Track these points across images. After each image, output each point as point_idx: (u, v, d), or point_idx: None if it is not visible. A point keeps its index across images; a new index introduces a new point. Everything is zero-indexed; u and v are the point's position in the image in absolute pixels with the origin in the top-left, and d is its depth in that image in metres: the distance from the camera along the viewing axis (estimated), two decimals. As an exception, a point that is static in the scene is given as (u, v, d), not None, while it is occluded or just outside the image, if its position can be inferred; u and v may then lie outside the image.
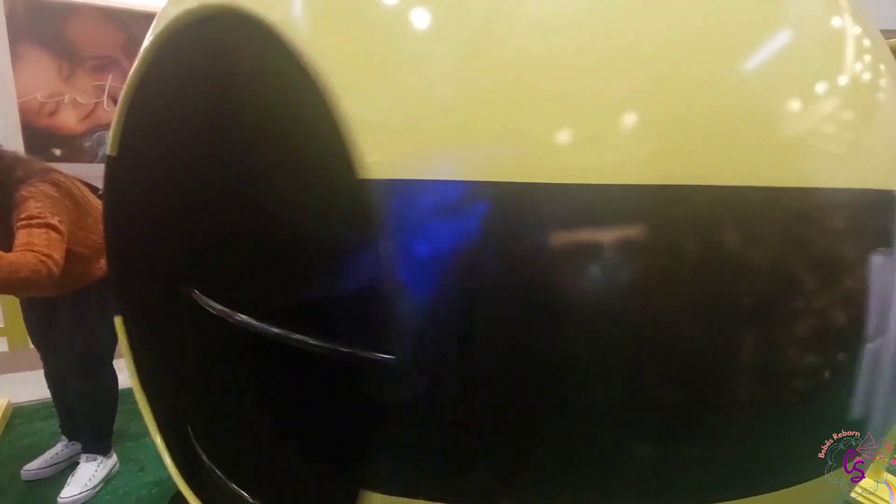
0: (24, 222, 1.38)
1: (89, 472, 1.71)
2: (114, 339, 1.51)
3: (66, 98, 2.54)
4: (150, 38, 0.94)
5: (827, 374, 0.70)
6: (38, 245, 1.35)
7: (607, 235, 0.61)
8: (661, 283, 0.61)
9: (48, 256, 1.35)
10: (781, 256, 0.64)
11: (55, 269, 1.35)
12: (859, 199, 0.69)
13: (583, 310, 0.61)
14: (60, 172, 1.59)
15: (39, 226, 1.39)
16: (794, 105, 0.67)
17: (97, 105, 2.60)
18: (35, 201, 1.43)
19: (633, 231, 0.61)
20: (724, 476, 0.69)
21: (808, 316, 0.67)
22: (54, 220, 1.42)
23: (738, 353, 0.65)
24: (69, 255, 1.45)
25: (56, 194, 1.49)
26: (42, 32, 2.43)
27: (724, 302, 0.63)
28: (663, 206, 0.60)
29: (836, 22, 0.75)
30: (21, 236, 1.36)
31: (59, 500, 1.63)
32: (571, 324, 0.62)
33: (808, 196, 0.66)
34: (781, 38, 0.69)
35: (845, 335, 0.70)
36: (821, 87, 0.69)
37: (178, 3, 0.87)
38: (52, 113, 2.53)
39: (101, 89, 2.59)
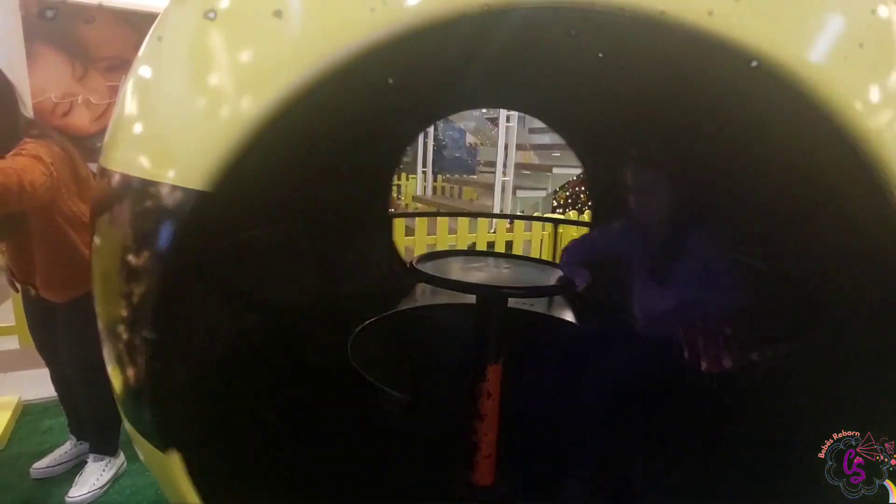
0: (13, 153, 1.36)
1: (97, 472, 1.72)
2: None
3: (80, 98, 2.57)
4: None
5: None
6: (17, 164, 1.32)
7: None
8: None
9: (24, 171, 1.31)
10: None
11: (28, 189, 1.31)
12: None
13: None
14: (75, 149, 1.56)
15: (27, 156, 1.36)
16: None
17: (110, 105, 2.61)
18: (34, 143, 1.40)
19: None
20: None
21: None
22: (46, 159, 1.38)
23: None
24: (69, 246, 1.45)
25: (61, 153, 1.46)
26: (56, 33, 2.45)
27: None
28: None
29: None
30: (5, 160, 1.33)
31: (66, 499, 1.64)
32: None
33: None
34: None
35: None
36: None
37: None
38: (66, 113, 2.56)
39: (113, 90, 2.61)
